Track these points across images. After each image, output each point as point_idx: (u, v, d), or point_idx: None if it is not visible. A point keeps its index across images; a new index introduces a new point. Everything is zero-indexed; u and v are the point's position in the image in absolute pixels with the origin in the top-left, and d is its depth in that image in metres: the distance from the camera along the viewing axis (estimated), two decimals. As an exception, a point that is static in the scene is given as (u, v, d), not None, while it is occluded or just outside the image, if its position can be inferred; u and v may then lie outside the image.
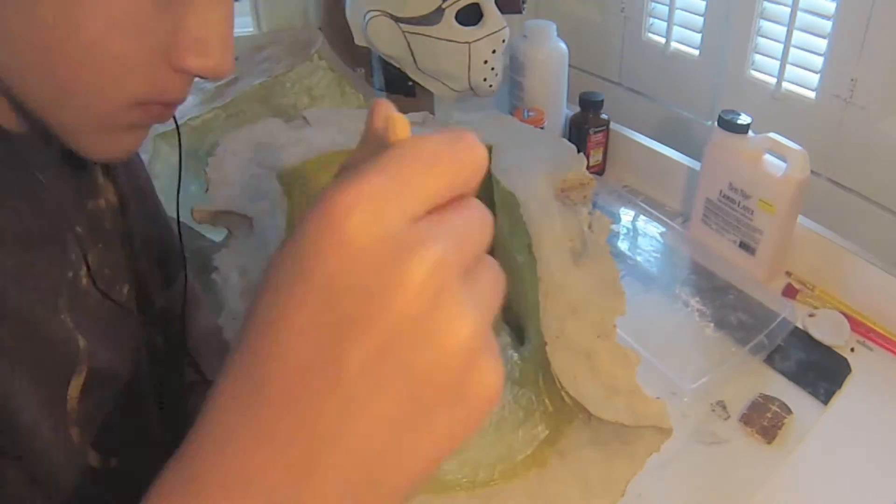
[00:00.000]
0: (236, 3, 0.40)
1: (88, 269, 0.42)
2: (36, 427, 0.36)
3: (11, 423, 0.35)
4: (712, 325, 0.77)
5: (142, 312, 0.49)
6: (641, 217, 0.92)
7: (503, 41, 0.86)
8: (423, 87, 0.90)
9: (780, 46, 0.87)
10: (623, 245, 0.89)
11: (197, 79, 0.38)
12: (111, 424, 0.43)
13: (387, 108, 0.24)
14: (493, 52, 0.86)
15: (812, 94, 0.86)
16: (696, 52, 1.00)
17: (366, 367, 0.20)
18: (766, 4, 0.87)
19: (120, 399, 0.44)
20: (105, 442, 0.41)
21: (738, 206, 0.81)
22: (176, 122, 0.50)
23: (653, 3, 1.03)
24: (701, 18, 0.97)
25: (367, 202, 0.20)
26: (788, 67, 0.88)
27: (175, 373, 0.54)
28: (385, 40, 0.85)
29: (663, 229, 0.89)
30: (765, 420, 0.66)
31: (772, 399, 0.68)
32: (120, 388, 0.44)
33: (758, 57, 0.91)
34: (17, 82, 0.34)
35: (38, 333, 0.36)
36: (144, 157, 0.79)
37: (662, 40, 1.04)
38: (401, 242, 0.20)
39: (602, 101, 0.98)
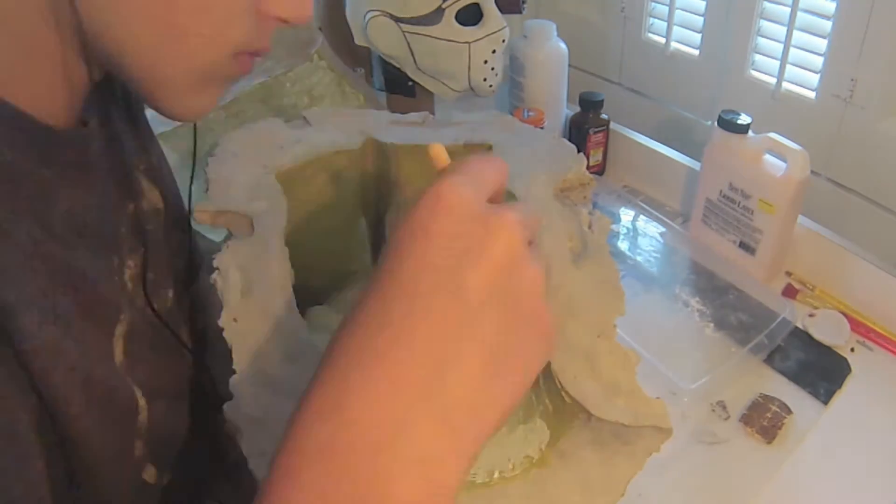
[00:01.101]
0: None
1: (142, 279, 0.42)
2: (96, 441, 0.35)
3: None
4: (712, 325, 0.77)
5: (187, 320, 0.49)
6: (641, 217, 0.92)
7: (503, 41, 0.86)
8: (423, 87, 0.90)
9: (780, 46, 0.87)
10: (623, 245, 0.89)
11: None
12: (171, 440, 0.43)
13: (436, 147, 0.33)
14: (493, 52, 0.86)
15: (812, 94, 0.86)
16: (696, 52, 1.00)
17: (479, 288, 0.27)
18: (766, 4, 0.87)
19: (178, 413, 0.44)
20: (163, 457, 0.41)
21: (738, 206, 0.81)
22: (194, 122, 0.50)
23: (653, 3, 1.03)
24: (701, 18, 0.97)
25: (461, 185, 0.28)
26: (788, 67, 0.88)
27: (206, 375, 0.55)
28: (385, 40, 0.85)
29: (663, 229, 0.89)
30: (765, 420, 0.66)
31: (772, 399, 0.68)
32: (176, 402, 0.44)
33: (758, 57, 0.91)
34: (125, 37, 0.35)
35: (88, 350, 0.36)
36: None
37: (662, 40, 1.04)
38: (489, 209, 0.29)
39: (602, 101, 0.98)
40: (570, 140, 0.72)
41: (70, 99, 0.38)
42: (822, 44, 0.83)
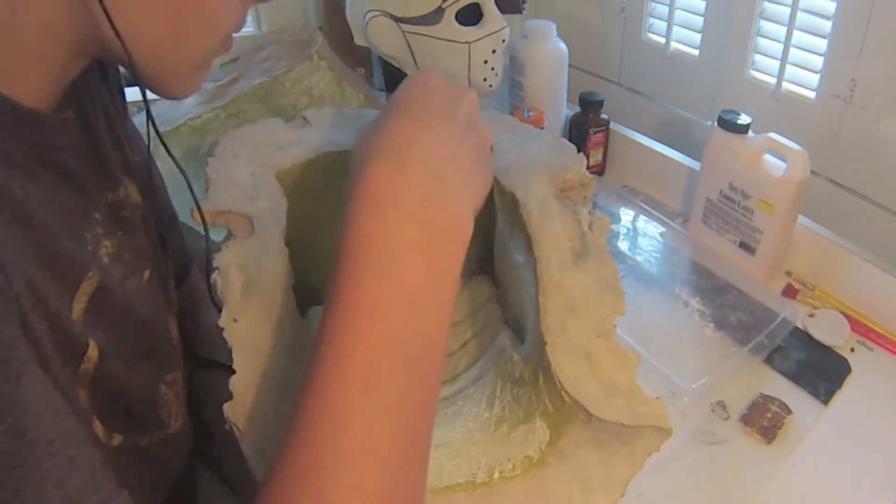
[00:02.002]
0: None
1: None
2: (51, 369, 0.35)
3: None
4: (712, 325, 0.77)
5: (164, 297, 0.50)
6: (641, 217, 0.92)
7: (503, 41, 0.86)
8: (423, 87, 0.90)
9: (780, 46, 0.87)
10: (623, 245, 0.89)
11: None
12: (118, 400, 0.42)
13: None
14: (493, 52, 0.86)
15: (812, 94, 0.86)
16: (696, 52, 1.00)
17: (461, 120, 0.42)
18: (766, 4, 0.87)
19: (129, 377, 0.44)
20: (110, 416, 0.41)
21: (738, 206, 0.81)
22: (150, 115, 0.50)
23: (653, 3, 1.03)
24: (701, 18, 0.97)
25: (432, 72, 0.44)
26: (788, 67, 0.88)
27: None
28: (385, 40, 0.85)
29: (663, 229, 0.89)
30: (765, 420, 0.66)
31: (772, 399, 0.68)
32: (127, 365, 0.44)
33: (758, 57, 0.91)
34: (131, 34, 0.37)
35: (57, 318, 0.36)
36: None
37: (662, 40, 1.04)
38: (455, 85, 0.44)
39: (602, 101, 0.98)
40: (570, 140, 0.72)
41: (51, 89, 0.39)
42: (822, 44, 0.83)
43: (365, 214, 0.36)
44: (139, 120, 0.55)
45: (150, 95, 0.45)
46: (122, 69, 0.48)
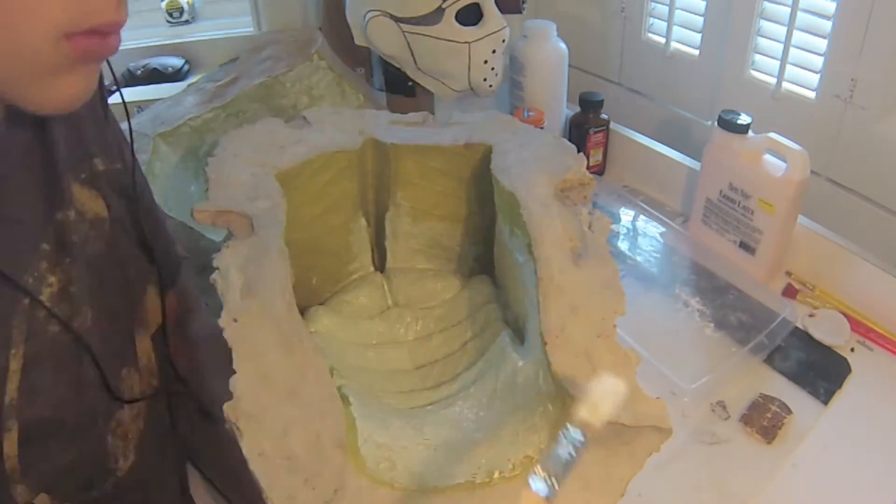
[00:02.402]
0: (237, 4, 0.40)
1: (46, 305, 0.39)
2: None
3: None
4: (712, 325, 0.77)
5: (105, 342, 0.45)
6: (641, 217, 0.92)
7: (503, 41, 0.86)
8: (423, 87, 0.90)
9: (780, 46, 0.87)
10: (623, 245, 0.89)
11: (199, 80, 0.38)
12: (62, 474, 0.40)
13: None
14: (493, 52, 0.86)
15: (812, 94, 0.86)
16: (696, 52, 1.00)
17: None
18: (766, 4, 0.87)
19: (74, 441, 0.41)
20: (57, 489, 0.39)
21: (738, 206, 0.81)
22: (121, 93, 0.47)
23: (653, 3, 1.03)
24: (701, 18, 0.97)
25: None
26: (788, 67, 0.88)
27: (160, 392, 0.52)
28: (385, 40, 0.85)
29: (663, 229, 0.89)
30: (765, 420, 0.66)
31: (772, 399, 0.68)
32: (71, 430, 0.41)
33: (758, 57, 0.91)
34: None
35: None
36: (143, 156, 0.79)
37: (662, 40, 1.04)
38: None
39: (602, 101, 0.98)
40: (570, 140, 0.72)
41: None
42: (822, 44, 0.83)
43: None
44: (125, 125, 0.52)
45: (134, 97, 0.43)
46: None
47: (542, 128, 0.93)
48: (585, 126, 0.98)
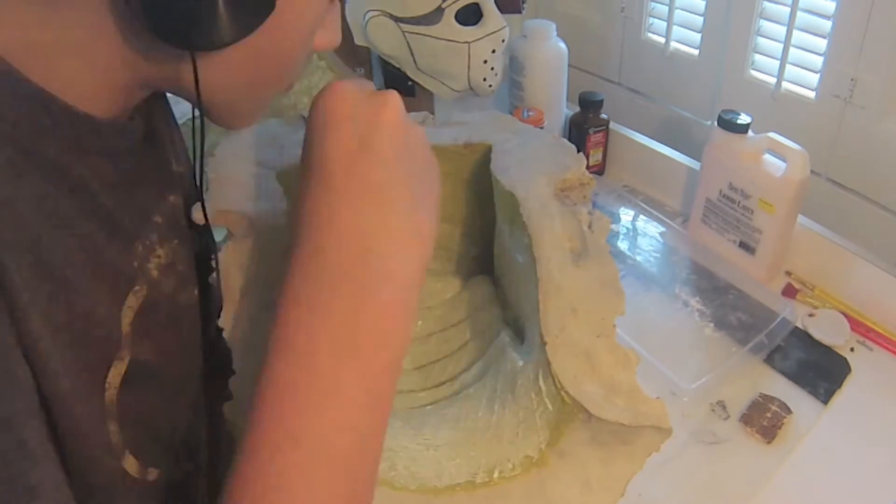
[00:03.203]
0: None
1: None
2: (73, 406, 0.34)
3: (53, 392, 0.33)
4: (712, 325, 0.77)
5: (205, 315, 0.49)
6: (641, 217, 0.92)
7: (503, 41, 0.86)
8: (423, 87, 0.90)
9: (780, 46, 0.87)
10: (623, 245, 0.89)
11: None
12: (155, 433, 0.42)
13: None
14: (493, 51, 0.86)
15: (812, 94, 0.86)
16: (696, 52, 1.00)
17: (388, 147, 0.36)
18: (766, 4, 0.87)
19: (168, 405, 0.43)
20: (145, 449, 0.40)
21: (738, 206, 0.81)
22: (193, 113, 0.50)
23: (653, 3, 1.03)
24: (701, 18, 0.97)
25: (345, 83, 0.38)
26: (788, 67, 0.88)
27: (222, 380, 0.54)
28: (385, 40, 0.85)
29: (663, 229, 0.89)
30: (765, 420, 0.66)
31: (772, 399, 0.68)
32: (167, 391, 0.43)
33: (758, 57, 0.91)
34: (219, 91, 0.38)
35: (90, 315, 0.35)
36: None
37: (662, 40, 1.04)
38: (371, 91, 0.39)
39: (602, 101, 0.98)
40: (569, 140, 0.72)
41: (120, 104, 0.39)
42: (822, 44, 0.83)
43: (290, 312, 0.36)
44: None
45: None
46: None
47: (541, 128, 0.93)
48: (585, 126, 0.98)
